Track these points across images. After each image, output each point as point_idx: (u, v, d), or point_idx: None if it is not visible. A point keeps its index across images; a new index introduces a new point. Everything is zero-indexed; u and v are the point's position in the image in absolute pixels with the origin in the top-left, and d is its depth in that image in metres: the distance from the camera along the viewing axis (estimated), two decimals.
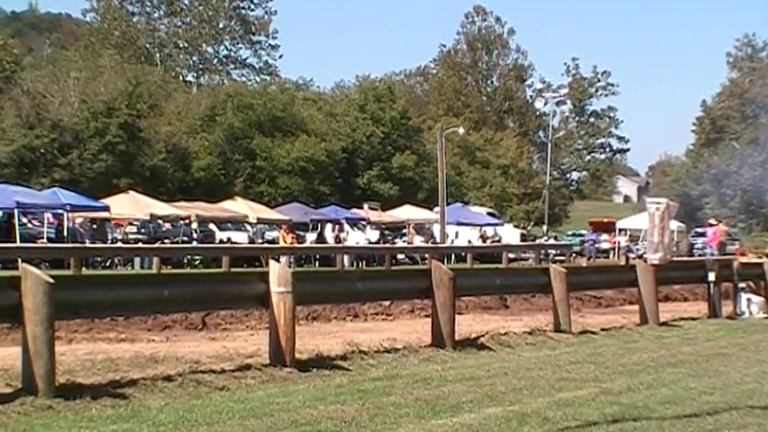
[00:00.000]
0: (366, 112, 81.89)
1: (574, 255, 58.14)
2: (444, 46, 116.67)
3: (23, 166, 60.28)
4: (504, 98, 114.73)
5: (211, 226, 51.25)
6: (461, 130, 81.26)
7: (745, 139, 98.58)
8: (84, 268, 33.77)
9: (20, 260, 28.21)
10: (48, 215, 44.44)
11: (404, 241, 56.64)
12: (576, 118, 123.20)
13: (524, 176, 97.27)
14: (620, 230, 67.50)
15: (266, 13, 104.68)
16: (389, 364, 12.95)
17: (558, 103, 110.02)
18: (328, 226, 55.32)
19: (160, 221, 48.51)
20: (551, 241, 65.95)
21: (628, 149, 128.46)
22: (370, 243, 52.17)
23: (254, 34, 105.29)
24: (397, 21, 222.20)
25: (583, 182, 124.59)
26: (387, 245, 51.63)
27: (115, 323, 17.07)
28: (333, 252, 44.27)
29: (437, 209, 59.79)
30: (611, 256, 63.33)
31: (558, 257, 52.96)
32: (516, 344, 15.51)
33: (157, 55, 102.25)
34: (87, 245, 39.86)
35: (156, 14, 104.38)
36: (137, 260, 41.43)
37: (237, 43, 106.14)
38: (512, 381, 11.72)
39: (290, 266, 26.80)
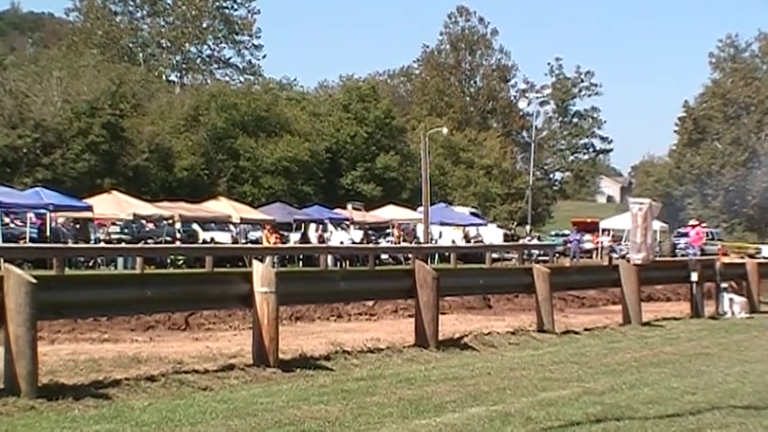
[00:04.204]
0: (350, 112, 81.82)
1: (557, 255, 58.27)
2: (427, 46, 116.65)
3: (6, 166, 60.00)
4: (488, 98, 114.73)
5: (195, 226, 51.17)
6: (445, 131, 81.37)
7: (728, 139, 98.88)
8: (66, 268, 33.72)
9: (2, 260, 28.24)
10: (30, 215, 44.29)
11: (388, 241, 56.64)
12: (560, 118, 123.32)
13: (508, 176, 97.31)
14: (604, 231, 67.58)
15: (249, 12, 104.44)
16: (373, 364, 12.96)
17: (541, 104, 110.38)
18: (312, 226, 55.33)
19: (143, 221, 48.43)
20: (534, 241, 66.09)
21: (611, 150, 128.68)
22: (354, 243, 52.19)
23: (237, 34, 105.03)
24: (380, 21, 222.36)
25: (566, 182, 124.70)
26: (370, 245, 51.64)
27: (98, 323, 17.03)
28: (316, 252, 44.27)
29: (421, 209, 59.88)
30: (594, 256, 63.41)
31: (541, 257, 53.09)
32: (500, 344, 15.54)
33: (140, 54, 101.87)
34: (70, 245, 39.78)
35: (139, 14, 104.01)
36: (120, 260, 41.38)
37: (221, 43, 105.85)
38: (495, 380, 11.74)
39: (273, 266, 26.81)
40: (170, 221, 47.71)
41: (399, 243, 54.92)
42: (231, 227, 52.20)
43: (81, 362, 12.28)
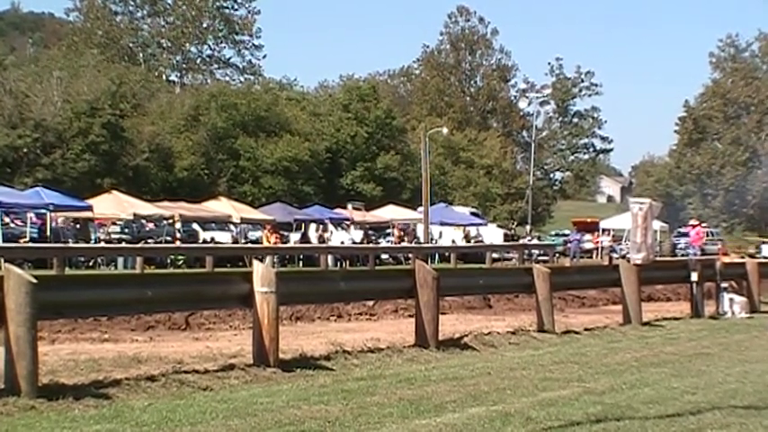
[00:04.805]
0: (350, 112, 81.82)
1: (557, 255, 58.25)
2: (428, 46, 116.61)
3: (6, 166, 60.05)
4: (488, 98, 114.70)
5: (195, 226, 51.18)
6: (445, 131, 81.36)
7: (728, 139, 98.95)
8: (67, 268, 33.73)
9: (2, 260, 28.23)
10: (30, 215, 44.32)
11: (388, 241, 56.63)
12: (560, 118, 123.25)
13: (508, 176, 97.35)
14: (604, 230, 67.56)
15: (249, 12, 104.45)
16: (373, 364, 12.95)
17: (541, 104, 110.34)
18: (312, 226, 55.32)
19: (143, 221, 48.44)
20: (535, 241, 66.09)
21: (611, 150, 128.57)
22: (354, 243, 52.18)
23: (237, 34, 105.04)
24: (380, 21, 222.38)
25: (566, 182, 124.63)
26: (370, 245, 51.63)
27: (98, 323, 17.03)
28: (316, 252, 44.26)
29: (421, 209, 59.87)
30: (594, 256, 63.39)
31: (541, 257, 53.06)
32: (500, 344, 15.53)
33: (141, 54, 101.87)
34: (70, 245, 39.77)
35: (139, 14, 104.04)
36: (120, 260, 41.38)
37: (221, 43, 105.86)
38: (495, 380, 11.73)
39: (273, 266, 26.79)
40: (170, 221, 47.73)
41: (399, 243, 54.90)
42: (231, 227, 52.21)
43: (81, 362, 12.28)
